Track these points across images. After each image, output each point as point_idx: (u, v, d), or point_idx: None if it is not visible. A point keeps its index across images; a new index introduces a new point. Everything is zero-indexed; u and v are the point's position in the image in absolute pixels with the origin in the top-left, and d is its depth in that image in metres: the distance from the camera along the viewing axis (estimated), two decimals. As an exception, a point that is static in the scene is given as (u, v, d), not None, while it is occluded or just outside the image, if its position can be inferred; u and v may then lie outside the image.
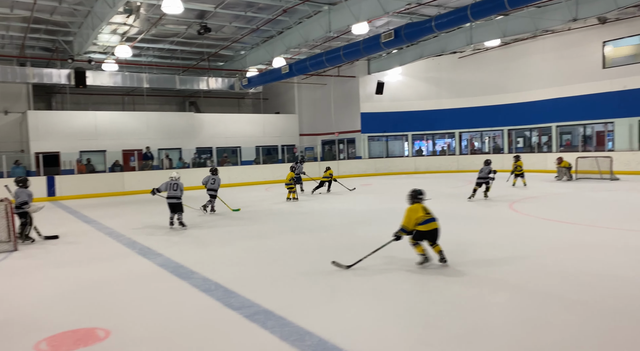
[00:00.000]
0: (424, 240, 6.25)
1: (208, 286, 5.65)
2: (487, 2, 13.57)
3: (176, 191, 10.01)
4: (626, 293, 4.85)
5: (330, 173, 16.89)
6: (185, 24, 18.45)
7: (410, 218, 6.18)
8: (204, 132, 26.24)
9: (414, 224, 6.16)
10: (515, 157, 16.46)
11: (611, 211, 10.37)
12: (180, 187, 10.08)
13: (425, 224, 6.14)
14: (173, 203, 9.99)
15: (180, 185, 10.09)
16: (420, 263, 6.26)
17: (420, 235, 6.20)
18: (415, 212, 6.21)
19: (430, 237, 6.19)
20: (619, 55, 20.75)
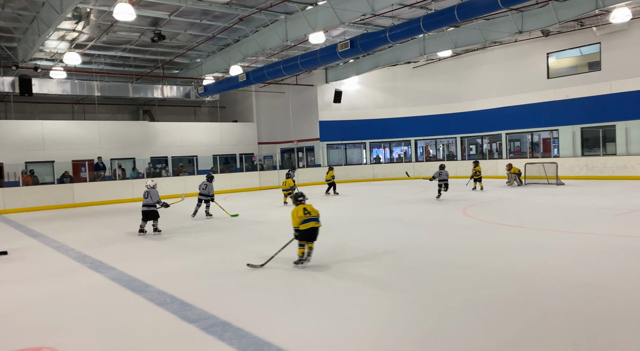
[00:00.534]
0: (305, 240, 6.82)
1: (163, 300, 5.50)
2: (438, 15, 14.05)
3: (147, 199, 10.17)
4: (570, 294, 5.08)
5: (332, 175, 18.06)
6: (139, 31, 18.05)
7: (295, 219, 6.82)
8: (158, 141, 25.64)
9: (298, 223, 6.77)
10: (474, 163, 17.41)
11: (557, 214, 10.88)
12: (152, 195, 10.16)
13: (304, 223, 6.73)
14: (143, 211, 10.24)
15: (153, 192, 10.18)
16: (295, 262, 6.87)
17: (302, 234, 6.76)
18: (297, 213, 6.84)
19: (308, 235, 6.78)
20: (561, 66, 21.94)
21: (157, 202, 10.28)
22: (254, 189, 23.24)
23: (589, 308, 4.60)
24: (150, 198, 10.17)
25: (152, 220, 10.35)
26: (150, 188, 10.23)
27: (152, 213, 10.25)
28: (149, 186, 10.28)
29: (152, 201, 10.18)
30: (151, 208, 10.20)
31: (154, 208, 10.22)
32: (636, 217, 9.67)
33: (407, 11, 17.14)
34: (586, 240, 7.76)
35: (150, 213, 10.24)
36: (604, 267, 6.07)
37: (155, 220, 10.37)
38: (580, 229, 8.71)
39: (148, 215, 10.28)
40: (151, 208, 10.20)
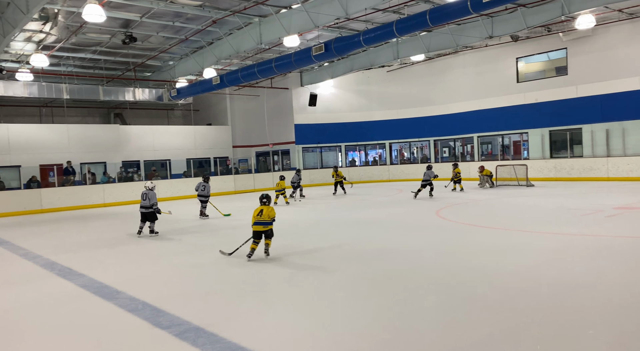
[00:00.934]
0: (254, 238, 7.61)
1: (135, 306, 5.39)
2: (411, 19, 14.26)
3: (145, 201, 10.35)
4: (539, 292, 5.21)
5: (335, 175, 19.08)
6: (109, 33, 17.70)
7: (252, 217, 7.68)
8: (130, 144, 25.16)
9: (252, 222, 7.63)
10: (453, 165, 18.04)
11: (527, 215, 11.15)
12: (150, 197, 10.33)
13: (254, 225, 7.61)
14: (142, 212, 10.43)
15: (151, 194, 10.34)
16: (248, 255, 7.57)
17: (252, 232, 7.62)
18: (254, 213, 7.67)
19: (255, 234, 7.60)
20: (530, 71, 22.53)
21: (153, 205, 10.36)
22: (229, 193, 23.03)
23: (557, 306, 4.73)
24: (148, 200, 10.31)
25: (149, 221, 10.47)
26: (149, 190, 10.36)
27: (150, 214, 10.40)
28: (148, 187, 10.41)
29: (149, 203, 10.31)
30: (149, 210, 10.35)
31: (152, 210, 10.36)
32: (601, 217, 9.99)
33: (381, 15, 17.33)
34: (554, 240, 7.97)
35: (148, 214, 10.39)
36: (571, 266, 6.24)
37: (152, 221, 10.50)
38: (549, 229, 8.94)
39: (146, 217, 10.43)
40: (149, 210, 10.35)
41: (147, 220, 10.49)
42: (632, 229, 8.55)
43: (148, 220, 10.49)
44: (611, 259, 6.47)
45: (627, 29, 18.85)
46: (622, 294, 5.00)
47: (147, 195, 10.35)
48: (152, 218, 10.47)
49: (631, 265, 6.16)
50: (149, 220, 10.48)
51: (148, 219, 10.47)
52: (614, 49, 19.26)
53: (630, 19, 18.49)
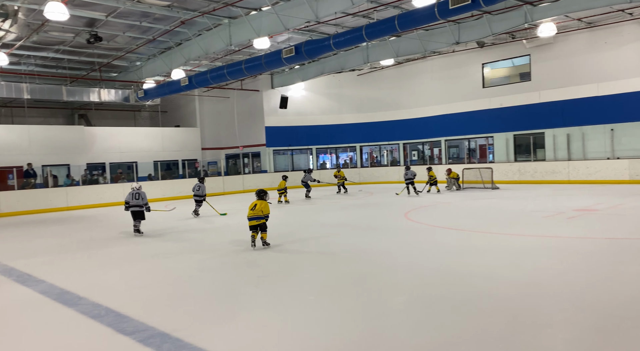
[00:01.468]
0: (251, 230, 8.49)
1: (98, 312, 5.24)
2: (380, 24, 14.43)
3: (137, 200, 10.68)
4: (502, 292, 5.35)
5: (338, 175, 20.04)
6: (73, 31, 17.20)
7: (248, 210, 8.46)
8: (95, 146, 24.51)
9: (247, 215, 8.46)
10: (427, 169, 18.60)
11: (492, 217, 11.43)
12: (142, 196, 10.73)
13: (249, 220, 8.43)
14: (135, 211, 10.72)
15: (142, 193, 10.75)
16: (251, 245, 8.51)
17: (249, 226, 8.47)
18: (249, 207, 8.51)
19: (250, 227, 8.48)
20: (495, 76, 23.15)
21: (145, 204, 10.78)
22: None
23: (518, 305, 4.86)
24: (141, 199, 10.70)
25: (138, 220, 10.78)
26: (139, 190, 10.75)
27: (140, 213, 10.75)
28: (136, 188, 10.79)
29: (142, 202, 10.69)
30: (141, 208, 10.70)
31: (142, 209, 10.72)
32: (562, 219, 10.34)
33: (351, 20, 17.48)
34: (517, 241, 8.19)
35: (140, 213, 10.74)
36: (533, 266, 6.42)
37: (139, 220, 10.80)
38: (512, 231, 9.19)
39: (137, 215, 10.75)
40: (140, 209, 10.71)
41: (138, 218, 10.77)
42: (591, 230, 8.88)
43: (138, 218, 10.77)
44: (570, 259, 6.70)
45: (586, 37, 19.63)
46: (580, 293, 5.18)
47: (139, 194, 10.70)
48: (142, 216, 10.79)
49: (589, 265, 6.39)
50: (139, 218, 10.77)
51: (138, 217, 10.76)
52: (574, 57, 20.01)
53: (589, 28, 19.26)
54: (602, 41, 19.24)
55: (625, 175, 18.06)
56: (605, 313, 4.50)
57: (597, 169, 18.86)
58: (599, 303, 4.79)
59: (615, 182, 18.11)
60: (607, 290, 5.23)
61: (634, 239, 7.92)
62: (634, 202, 12.62)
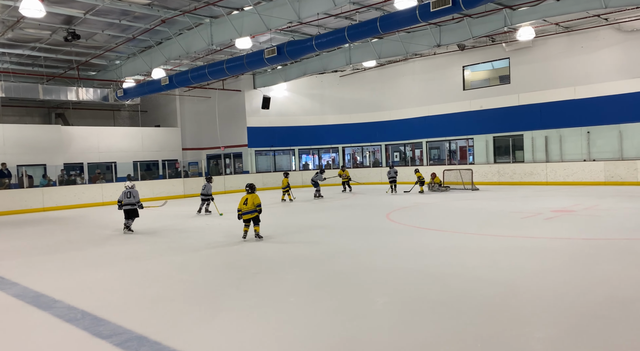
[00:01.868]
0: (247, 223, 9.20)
1: (74, 316, 5.12)
2: (362, 25, 14.48)
3: (130, 198, 10.93)
4: (481, 293, 5.40)
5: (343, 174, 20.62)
6: (50, 29, 16.84)
7: (239, 205, 9.09)
8: (73, 146, 24.03)
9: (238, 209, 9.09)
10: (415, 170, 18.88)
11: (471, 218, 11.56)
12: (134, 194, 10.96)
13: (243, 214, 9.09)
14: (127, 209, 10.93)
15: (134, 192, 11.00)
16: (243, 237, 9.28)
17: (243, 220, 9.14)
18: (241, 201, 9.10)
19: (245, 222, 9.19)
20: (476, 79, 23.46)
21: (137, 202, 11.00)
22: (178, 197, 22.41)
23: (496, 305, 4.92)
24: (132, 197, 10.92)
25: (131, 218, 11.02)
26: (131, 189, 10.98)
27: (133, 211, 10.97)
28: (129, 187, 11.04)
29: (134, 200, 10.93)
30: (133, 207, 10.93)
31: (135, 207, 10.95)
32: (540, 220, 10.52)
33: (333, 21, 17.51)
34: (496, 242, 8.30)
35: (132, 211, 10.97)
36: (511, 267, 6.51)
37: (133, 219, 11.05)
38: (491, 231, 9.31)
39: (129, 214, 10.97)
40: (133, 207, 10.93)
41: (130, 217, 10.98)
42: (568, 231, 9.05)
43: (131, 217, 10.99)
44: (548, 260, 6.81)
45: (564, 41, 20.03)
46: (557, 293, 5.26)
47: (130, 193, 10.93)
48: (135, 214, 11.02)
49: (566, 265, 6.51)
50: (132, 217, 11.00)
51: (132, 216, 10.99)
52: (552, 60, 20.40)
53: (566, 33, 19.66)
54: (579, 45, 19.66)
55: (601, 177, 18.47)
56: (580, 313, 4.58)
57: (574, 171, 19.25)
58: (575, 303, 4.87)
59: (591, 184, 18.51)
60: (583, 290, 5.33)
61: (609, 240, 8.10)
62: (609, 203, 12.91)
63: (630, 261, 6.56)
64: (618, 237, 8.30)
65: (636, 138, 18.23)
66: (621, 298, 4.95)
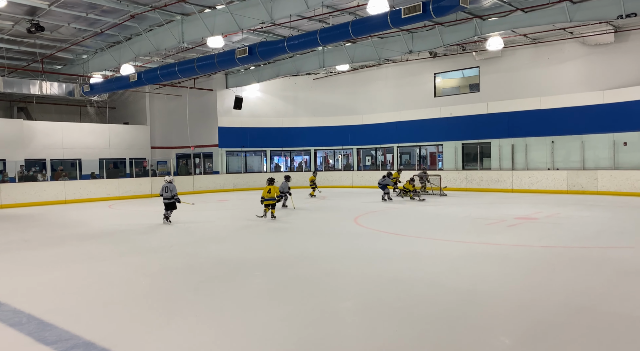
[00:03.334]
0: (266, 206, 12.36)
1: (18, 319, 4.88)
2: (334, 29, 14.48)
3: (167, 193, 11.92)
4: (442, 299, 5.41)
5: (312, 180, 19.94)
6: (12, 19, 16.22)
7: (263, 193, 12.26)
8: (35, 141, 23.21)
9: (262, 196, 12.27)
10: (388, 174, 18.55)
11: (437, 224, 11.67)
12: (171, 189, 11.91)
13: (265, 200, 12.36)
14: (165, 203, 11.98)
15: (171, 186, 11.93)
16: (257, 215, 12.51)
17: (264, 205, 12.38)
18: (265, 190, 12.35)
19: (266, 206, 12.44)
20: (446, 86, 23.83)
21: (174, 196, 11.87)
22: (145, 196, 21.91)
23: (456, 312, 4.93)
24: (170, 192, 11.87)
25: (170, 210, 11.98)
26: (169, 183, 11.91)
27: (171, 204, 11.96)
28: (167, 181, 12.00)
29: (171, 194, 11.85)
30: (171, 200, 11.90)
31: (172, 200, 11.88)
32: (503, 226, 10.70)
33: (307, 23, 17.47)
34: (460, 248, 8.38)
35: (171, 204, 11.95)
36: (472, 273, 6.57)
37: (171, 211, 12.03)
38: (455, 237, 9.40)
39: (168, 206, 11.96)
40: (171, 200, 11.91)
41: (169, 209, 11.95)
42: (529, 238, 9.22)
43: (169, 209, 11.95)
44: (509, 267, 6.90)
45: (530, 52, 20.56)
46: (517, 300, 5.32)
47: (168, 187, 11.87)
48: (173, 207, 12.00)
49: (525, 272, 6.60)
50: (169, 209, 11.96)
51: (170, 208, 11.96)
52: (519, 71, 20.91)
53: (533, 44, 20.19)
54: (545, 57, 20.22)
55: (563, 185, 19.00)
56: (537, 319, 4.63)
57: (538, 179, 19.74)
58: (533, 309, 4.93)
59: (554, 192, 19.02)
60: (541, 297, 5.40)
61: (567, 247, 8.29)
62: (570, 211, 13.27)
63: (586, 269, 6.71)
64: (576, 245, 8.51)
65: (597, 149, 18.85)
66: (576, 306, 5.05)
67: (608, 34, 18.08)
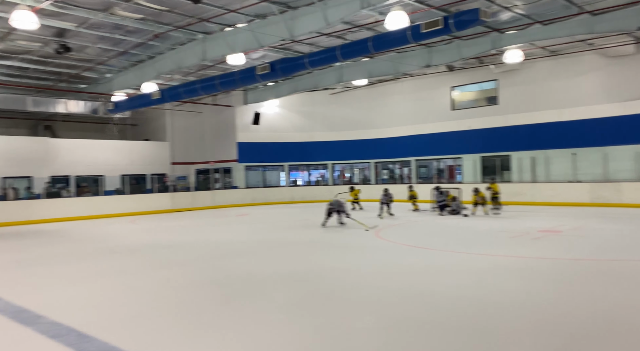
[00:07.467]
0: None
1: (58, 332, 5.03)
2: (354, 45, 14.68)
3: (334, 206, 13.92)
4: (468, 313, 5.41)
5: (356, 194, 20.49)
6: (41, 41, 16.80)
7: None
8: (60, 159, 23.75)
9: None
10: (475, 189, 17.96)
11: (459, 237, 11.61)
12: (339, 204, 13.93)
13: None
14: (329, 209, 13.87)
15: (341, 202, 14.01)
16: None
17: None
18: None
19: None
20: (464, 100, 23.82)
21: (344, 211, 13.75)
22: (165, 211, 22.24)
23: (483, 325, 4.92)
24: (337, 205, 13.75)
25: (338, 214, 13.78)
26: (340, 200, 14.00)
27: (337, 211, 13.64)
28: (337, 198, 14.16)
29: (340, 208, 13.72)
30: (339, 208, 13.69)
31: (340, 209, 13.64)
32: (527, 239, 10.60)
33: (325, 40, 17.73)
34: (483, 261, 8.34)
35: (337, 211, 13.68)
36: (498, 287, 6.54)
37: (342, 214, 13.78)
38: (478, 250, 9.35)
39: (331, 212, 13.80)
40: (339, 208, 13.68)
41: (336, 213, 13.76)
42: (554, 251, 9.13)
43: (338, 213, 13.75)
44: (534, 280, 6.86)
45: (549, 65, 20.48)
46: (543, 313, 5.29)
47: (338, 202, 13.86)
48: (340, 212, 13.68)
49: (552, 285, 6.55)
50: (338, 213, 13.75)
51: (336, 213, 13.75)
52: (539, 83, 20.82)
53: (552, 56, 20.12)
54: (564, 69, 20.12)
55: (586, 198, 18.72)
56: (566, 333, 4.60)
57: (560, 191, 19.49)
58: (561, 323, 4.90)
59: (577, 204, 18.74)
60: (568, 310, 5.36)
61: (595, 260, 8.19)
62: (594, 223, 13.08)
63: (613, 282, 6.63)
64: (602, 257, 8.40)
65: (620, 161, 18.56)
66: (605, 318, 5.00)
67: (628, 45, 17.96)
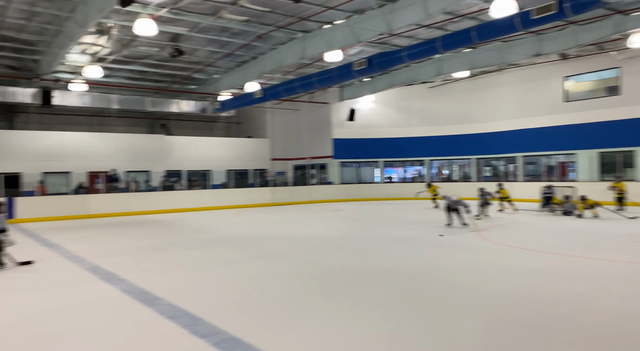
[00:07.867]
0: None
1: (174, 313, 5.44)
2: (456, 35, 14.08)
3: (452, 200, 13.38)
4: (591, 322, 4.91)
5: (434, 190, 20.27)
6: (158, 46, 18.37)
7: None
8: (174, 154, 25.86)
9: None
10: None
11: (574, 240, 10.63)
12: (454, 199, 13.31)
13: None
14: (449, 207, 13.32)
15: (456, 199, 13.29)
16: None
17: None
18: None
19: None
20: (579, 90, 21.75)
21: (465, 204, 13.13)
22: (265, 205, 23.23)
23: (610, 336, 4.43)
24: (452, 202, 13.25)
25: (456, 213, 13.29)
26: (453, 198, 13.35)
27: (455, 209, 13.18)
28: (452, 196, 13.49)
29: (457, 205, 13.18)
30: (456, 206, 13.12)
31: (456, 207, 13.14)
32: (657, 244, 9.41)
33: (425, 31, 17.22)
34: (605, 266, 7.54)
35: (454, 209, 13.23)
36: (625, 295, 5.87)
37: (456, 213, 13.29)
38: (598, 255, 8.48)
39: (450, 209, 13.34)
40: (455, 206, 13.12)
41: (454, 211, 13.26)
42: (693, 259, 7.99)
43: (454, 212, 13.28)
44: (670, 290, 6.05)
45: (685, 47, 17.93)
46: (685, 328, 4.64)
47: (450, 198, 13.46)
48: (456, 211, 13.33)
49: (694, 297, 5.73)
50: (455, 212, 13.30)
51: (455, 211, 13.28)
52: (671, 69, 18.35)
53: (689, 38, 17.58)
54: None
55: None
56: None
57: (697, 192, 17.04)
58: None
59: None
60: None
61: None
62: None
63: None
64: None
65: None
66: None
67: None
